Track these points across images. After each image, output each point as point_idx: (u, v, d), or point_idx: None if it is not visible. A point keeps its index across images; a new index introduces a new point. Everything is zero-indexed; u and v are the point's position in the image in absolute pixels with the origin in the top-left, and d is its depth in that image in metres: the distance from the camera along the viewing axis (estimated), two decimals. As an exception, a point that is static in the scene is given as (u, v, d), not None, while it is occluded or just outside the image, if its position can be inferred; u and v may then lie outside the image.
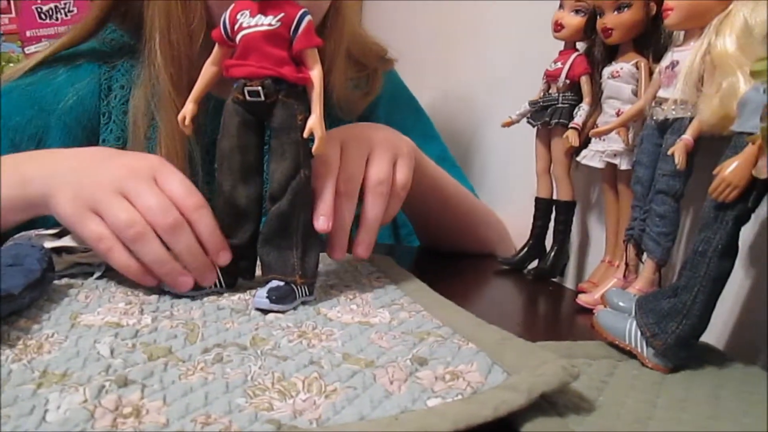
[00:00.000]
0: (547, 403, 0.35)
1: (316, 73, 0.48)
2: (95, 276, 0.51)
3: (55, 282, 0.49)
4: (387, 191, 0.55)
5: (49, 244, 0.49)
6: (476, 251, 0.77)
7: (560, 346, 0.45)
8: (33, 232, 0.52)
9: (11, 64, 1.50)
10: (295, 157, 0.48)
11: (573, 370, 0.35)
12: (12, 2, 1.49)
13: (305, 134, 0.48)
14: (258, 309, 0.47)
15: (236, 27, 0.47)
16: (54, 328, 0.40)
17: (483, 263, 0.74)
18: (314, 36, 0.48)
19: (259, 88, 0.47)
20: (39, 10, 1.51)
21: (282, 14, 0.47)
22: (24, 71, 0.69)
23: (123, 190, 0.48)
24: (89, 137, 0.70)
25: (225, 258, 0.50)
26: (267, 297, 0.47)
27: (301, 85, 0.48)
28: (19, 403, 0.31)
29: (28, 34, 1.50)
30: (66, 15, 1.52)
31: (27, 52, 1.51)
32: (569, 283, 0.72)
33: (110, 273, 0.52)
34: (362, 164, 0.55)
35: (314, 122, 0.47)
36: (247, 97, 0.48)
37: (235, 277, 0.52)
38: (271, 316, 0.46)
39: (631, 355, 0.44)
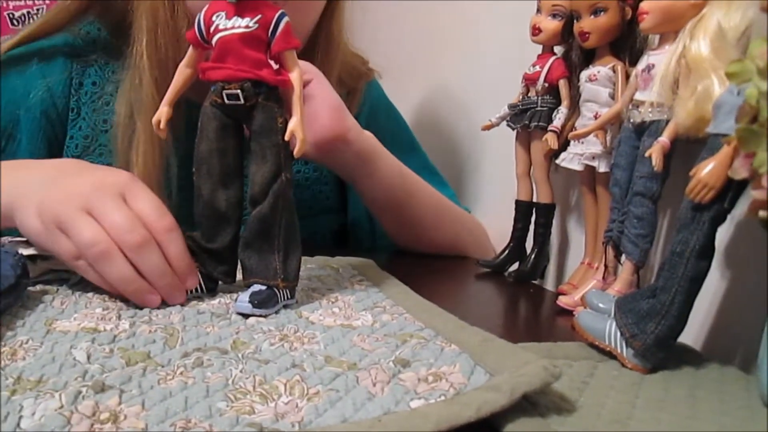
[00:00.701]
0: (529, 404, 0.35)
1: (295, 75, 0.48)
2: (71, 282, 0.50)
3: (30, 289, 0.48)
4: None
5: (23, 251, 0.48)
6: (451, 251, 0.78)
7: (541, 347, 0.45)
8: (7, 239, 0.51)
9: (-16, 69, 1.48)
10: (276, 161, 0.48)
11: (554, 371, 0.35)
12: (-16, 7, 1.46)
13: (287, 137, 0.47)
14: (239, 313, 0.47)
15: (212, 29, 0.47)
16: (28, 335, 0.39)
17: (464, 266, 0.75)
18: (293, 37, 0.48)
19: (238, 91, 0.46)
20: (11, 15, 1.49)
21: (259, 16, 0.46)
22: None
23: (88, 206, 0.46)
24: (57, 133, 0.69)
25: (192, 282, 0.49)
26: (249, 302, 0.46)
27: (281, 87, 0.48)
28: (-8, 410, 0.30)
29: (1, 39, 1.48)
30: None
31: (0, 56, 1.48)
32: (549, 285, 0.73)
33: (86, 280, 0.51)
34: None
35: (295, 125, 0.47)
36: (226, 101, 0.47)
37: (216, 281, 0.52)
38: (252, 320, 0.45)
39: (611, 355, 0.44)
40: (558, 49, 0.66)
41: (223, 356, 0.38)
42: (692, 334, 0.52)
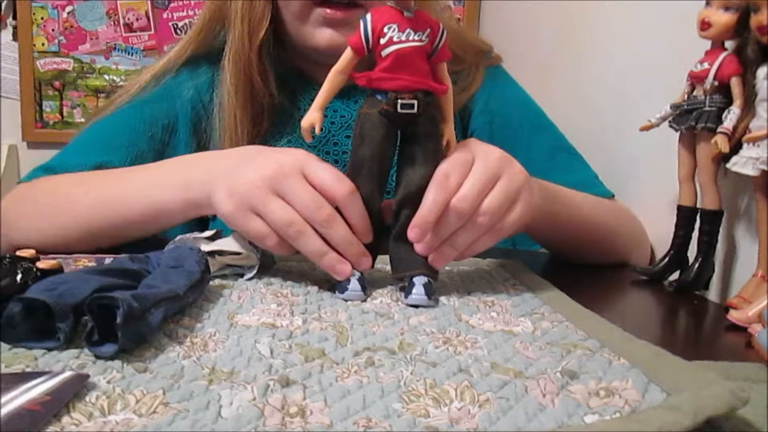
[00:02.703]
0: (711, 429, 0.33)
1: (449, 83, 0.51)
2: (246, 277, 0.54)
3: (210, 283, 0.52)
4: (488, 225, 0.52)
5: (204, 248, 0.53)
6: (612, 263, 0.74)
7: (717, 366, 0.43)
8: (190, 236, 0.55)
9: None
10: (435, 163, 0.51)
11: (742, 395, 0.33)
12: (151, 20, 1.60)
13: (444, 142, 0.49)
14: (412, 305, 0.49)
15: (383, 40, 0.48)
16: (215, 327, 0.43)
17: (618, 272, 0.72)
18: (447, 51, 0.50)
19: (414, 101, 0.48)
20: (175, 25, 1.62)
21: (428, 30, 0.48)
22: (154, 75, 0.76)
23: (277, 189, 0.50)
24: (204, 124, 0.77)
25: (370, 239, 0.52)
26: (426, 294, 0.49)
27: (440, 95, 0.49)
28: (194, 398, 0.33)
29: (165, 48, 1.61)
30: (199, 28, 1.62)
31: (164, 64, 1.62)
32: (713, 297, 0.68)
33: (258, 275, 0.55)
34: (484, 191, 0.52)
35: (450, 131, 0.49)
36: (399, 109, 0.49)
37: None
38: (414, 320, 0.47)
39: (797, 378, 0.41)
40: (729, 44, 0.61)
41: (392, 356, 0.39)
42: None
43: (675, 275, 0.66)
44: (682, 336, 0.57)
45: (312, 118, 0.51)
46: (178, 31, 1.61)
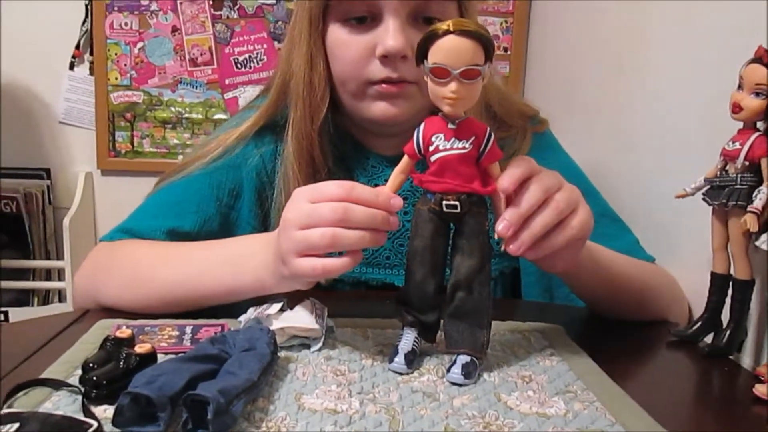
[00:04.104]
0: None
1: (500, 181, 0.56)
2: (312, 350, 0.61)
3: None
4: (565, 211, 0.58)
5: (275, 325, 0.60)
6: (649, 320, 0.78)
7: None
8: (261, 311, 0.62)
9: (213, 109, 1.72)
10: (481, 256, 0.57)
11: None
12: (214, 55, 1.70)
13: (497, 235, 0.56)
14: (451, 383, 0.56)
15: (431, 148, 0.55)
16: (285, 410, 0.50)
17: (654, 331, 0.76)
18: (497, 149, 0.55)
19: (457, 202, 0.55)
20: (236, 60, 1.71)
21: (473, 137, 0.54)
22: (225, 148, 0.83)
23: (300, 224, 0.58)
24: (267, 191, 0.84)
25: (397, 203, 0.57)
26: (462, 374, 0.55)
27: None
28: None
29: (226, 81, 1.71)
30: (258, 63, 1.71)
31: (226, 97, 1.72)
32: (747, 357, 0.71)
33: (322, 345, 0.62)
34: (551, 190, 0.58)
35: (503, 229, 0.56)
36: (444, 209, 0.55)
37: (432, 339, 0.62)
38: (457, 402, 0.53)
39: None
40: (760, 124, 0.64)
41: (438, 444, 0.45)
42: None
43: (710, 337, 0.70)
44: (710, 403, 0.61)
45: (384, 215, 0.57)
46: (239, 65, 1.71)
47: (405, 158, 0.58)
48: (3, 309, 1.68)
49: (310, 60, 0.77)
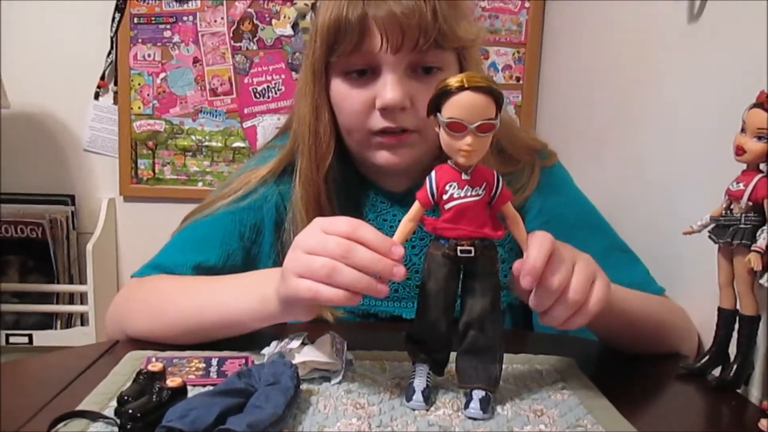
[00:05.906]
0: None
1: (513, 215, 0.60)
2: (333, 382, 0.64)
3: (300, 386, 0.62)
4: (579, 302, 0.60)
5: (298, 358, 0.63)
6: (661, 354, 0.80)
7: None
8: (284, 345, 0.65)
9: (232, 137, 1.77)
10: (493, 296, 0.60)
11: None
12: (233, 85, 1.75)
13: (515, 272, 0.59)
14: (470, 418, 0.58)
15: (446, 196, 0.58)
16: (308, 442, 0.53)
17: (664, 364, 0.77)
18: (507, 191, 0.59)
19: (471, 248, 0.58)
20: (254, 90, 1.76)
21: (485, 184, 0.57)
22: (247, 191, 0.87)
23: (307, 249, 0.60)
24: (285, 226, 0.87)
25: (398, 251, 0.58)
26: (481, 408, 0.58)
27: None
28: None
29: (245, 111, 1.76)
30: (276, 93, 1.76)
31: (245, 126, 1.76)
32: (755, 390, 0.73)
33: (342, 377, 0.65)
34: (569, 263, 0.61)
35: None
36: (459, 254, 0.58)
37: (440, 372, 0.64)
38: (473, 436, 0.55)
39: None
40: (763, 165, 0.67)
41: (453, 479, 0.48)
42: None
43: (718, 370, 0.72)
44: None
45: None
46: (257, 95, 1.75)
47: (416, 205, 0.60)
48: (27, 332, 1.73)
49: (315, 110, 0.82)
